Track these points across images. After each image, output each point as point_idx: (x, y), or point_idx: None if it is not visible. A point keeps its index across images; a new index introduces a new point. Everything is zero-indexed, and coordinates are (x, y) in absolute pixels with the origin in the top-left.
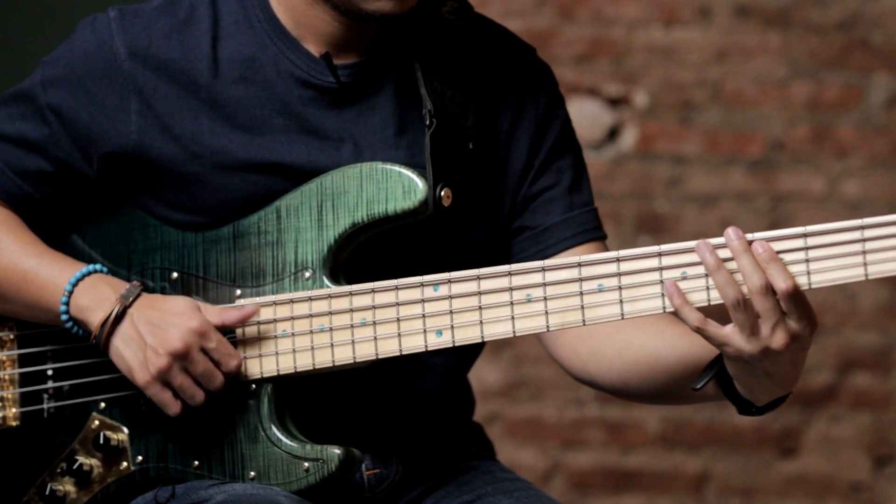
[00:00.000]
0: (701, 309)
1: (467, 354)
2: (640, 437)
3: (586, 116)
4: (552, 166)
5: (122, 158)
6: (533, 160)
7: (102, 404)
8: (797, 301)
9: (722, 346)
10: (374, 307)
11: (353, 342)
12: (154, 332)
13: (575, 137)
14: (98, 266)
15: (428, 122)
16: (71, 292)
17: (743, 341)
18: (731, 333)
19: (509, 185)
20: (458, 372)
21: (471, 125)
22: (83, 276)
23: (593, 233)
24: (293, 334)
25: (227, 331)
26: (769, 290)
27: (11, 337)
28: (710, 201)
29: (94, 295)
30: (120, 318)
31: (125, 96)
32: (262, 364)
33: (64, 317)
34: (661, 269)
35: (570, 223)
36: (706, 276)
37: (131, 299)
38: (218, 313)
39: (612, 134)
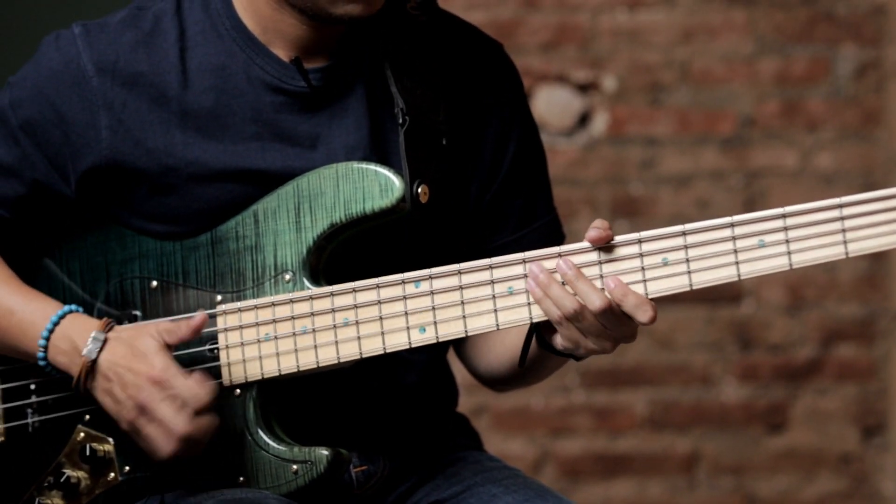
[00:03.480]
0: None
1: (439, 346)
2: (627, 421)
3: (556, 103)
4: (510, 180)
5: (98, 174)
6: (496, 169)
7: (87, 416)
8: (614, 315)
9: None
10: (356, 306)
11: (336, 342)
12: (122, 384)
13: (537, 140)
14: (70, 307)
15: (401, 120)
16: (46, 346)
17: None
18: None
19: (475, 184)
20: (434, 364)
21: (442, 121)
22: (55, 325)
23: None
24: (276, 337)
25: (207, 338)
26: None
27: None
28: (684, 182)
29: (67, 347)
30: (90, 372)
31: (95, 112)
32: (247, 369)
33: (47, 369)
34: (641, 255)
35: (519, 243)
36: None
37: (96, 353)
38: (173, 332)
39: (583, 120)
